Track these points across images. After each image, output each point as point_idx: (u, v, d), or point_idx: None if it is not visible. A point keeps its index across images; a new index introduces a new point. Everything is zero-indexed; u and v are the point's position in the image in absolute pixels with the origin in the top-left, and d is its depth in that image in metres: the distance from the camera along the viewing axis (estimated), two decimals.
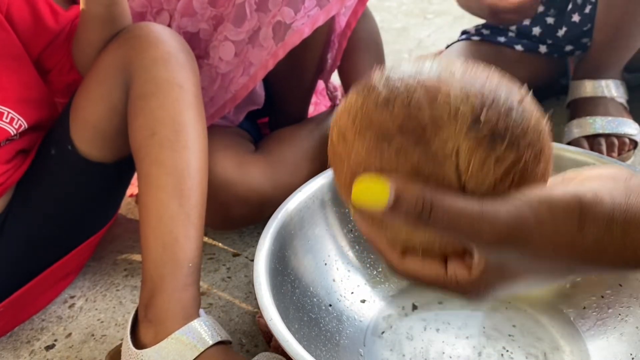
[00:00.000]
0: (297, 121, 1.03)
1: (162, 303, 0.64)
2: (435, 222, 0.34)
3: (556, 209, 0.34)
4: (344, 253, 0.74)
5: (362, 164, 0.37)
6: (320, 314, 0.67)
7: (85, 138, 0.77)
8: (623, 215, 0.34)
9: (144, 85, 0.71)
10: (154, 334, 0.63)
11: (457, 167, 0.36)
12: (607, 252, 0.35)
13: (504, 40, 1.18)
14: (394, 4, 2.03)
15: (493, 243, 0.35)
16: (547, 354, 0.65)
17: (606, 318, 0.66)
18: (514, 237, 0.34)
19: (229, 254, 0.92)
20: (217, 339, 0.63)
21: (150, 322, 0.64)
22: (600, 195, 0.34)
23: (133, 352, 0.63)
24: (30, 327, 0.80)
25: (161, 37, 0.73)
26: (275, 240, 0.65)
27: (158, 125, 0.69)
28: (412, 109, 0.36)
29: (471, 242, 0.36)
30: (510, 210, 0.34)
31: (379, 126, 0.36)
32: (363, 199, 0.35)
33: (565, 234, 0.34)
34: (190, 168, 0.69)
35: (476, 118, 0.35)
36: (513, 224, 0.34)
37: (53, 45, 0.79)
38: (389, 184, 0.35)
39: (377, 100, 0.37)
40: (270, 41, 0.83)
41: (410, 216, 0.34)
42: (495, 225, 0.34)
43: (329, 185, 0.73)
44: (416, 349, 0.67)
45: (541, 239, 0.34)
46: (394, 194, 0.34)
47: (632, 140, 1.04)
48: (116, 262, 0.91)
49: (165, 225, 0.66)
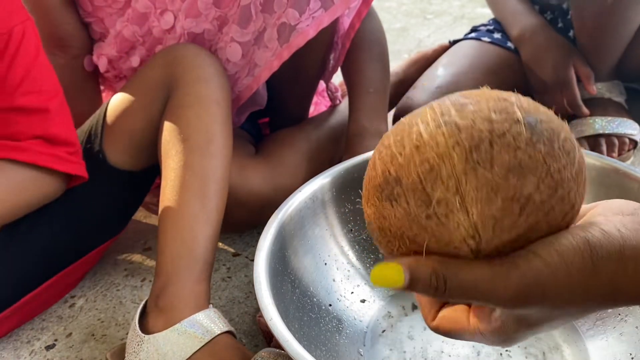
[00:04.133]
0: (297, 121, 1.03)
1: (175, 291, 0.66)
2: (452, 294, 0.36)
3: (566, 255, 0.34)
4: (344, 253, 0.74)
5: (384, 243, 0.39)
6: (320, 314, 0.67)
7: (119, 147, 0.82)
8: (633, 249, 0.34)
9: (184, 98, 0.78)
10: (164, 322, 0.64)
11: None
12: (623, 290, 0.34)
13: (514, 47, 1.15)
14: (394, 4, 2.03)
15: (509, 303, 0.35)
16: (546, 354, 0.65)
17: (606, 318, 0.66)
18: (530, 295, 0.34)
19: (229, 254, 0.92)
20: (227, 328, 0.66)
21: (160, 311, 0.65)
22: (607, 232, 0.34)
23: (142, 337, 0.64)
24: (30, 327, 0.80)
25: (206, 60, 0.80)
26: (275, 240, 0.65)
27: (192, 133, 0.75)
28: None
29: (490, 304, 0.36)
30: (521, 268, 0.34)
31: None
32: (381, 282, 0.37)
33: (579, 278, 0.34)
34: (216, 174, 0.73)
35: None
36: (527, 282, 0.34)
37: None
38: (401, 267, 0.36)
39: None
40: (275, 42, 0.83)
41: (428, 291, 0.36)
42: (509, 287, 0.34)
43: (329, 185, 0.74)
44: (416, 348, 0.67)
45: (556, 289, 0.34)
46: (408, 275, 0.36)
47: (632, 140, 1.04)
48: (116, 262, 0.92)
49: (186, 222, 0.70)
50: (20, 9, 0.72)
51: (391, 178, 0.37)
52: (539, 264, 0.34)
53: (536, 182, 0.34)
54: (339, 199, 0.74)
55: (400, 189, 0.36)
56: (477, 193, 0.34)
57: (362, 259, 0.75)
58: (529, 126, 0.35)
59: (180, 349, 0.62)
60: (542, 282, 0.34)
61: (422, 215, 0.36)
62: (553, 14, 1.16)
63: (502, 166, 0.34)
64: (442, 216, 0.35)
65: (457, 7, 1.93)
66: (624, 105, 1.09)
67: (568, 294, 0.34)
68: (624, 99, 1.09)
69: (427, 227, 0.36)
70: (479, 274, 0.35)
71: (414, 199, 0.36)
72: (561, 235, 0.35)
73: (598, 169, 0.71)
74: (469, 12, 1.86)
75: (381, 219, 0.38)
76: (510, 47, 1.15)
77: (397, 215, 0.36)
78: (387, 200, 0.37)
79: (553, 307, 0.35)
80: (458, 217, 0.35)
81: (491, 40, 1.17)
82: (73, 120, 0.78)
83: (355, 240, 0.75)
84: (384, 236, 0.38)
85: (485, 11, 1.28)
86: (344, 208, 0.74)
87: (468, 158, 0.34)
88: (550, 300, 0.35)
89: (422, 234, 0.36)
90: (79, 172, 0.76)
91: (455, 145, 0.35)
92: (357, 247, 0.75)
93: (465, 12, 1.87)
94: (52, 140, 0.73)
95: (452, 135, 0.35)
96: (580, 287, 0.34)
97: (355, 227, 0.75)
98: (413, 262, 0.36)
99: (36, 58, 0.72)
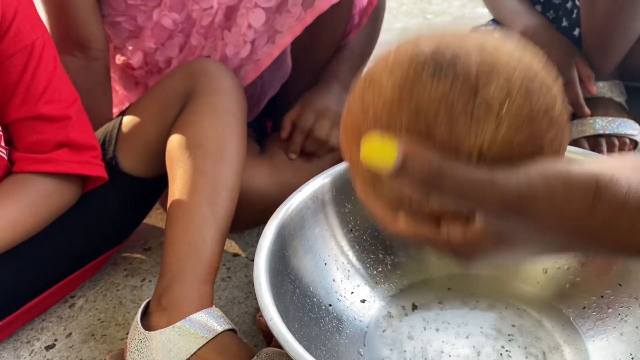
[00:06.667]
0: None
1: (179, 291, 0.66)
2: (442, 188, 0.34)
3: (572, 185, 0.34)
4: (344, 253, 0.74)
5: (385, 120, 0.37)
6: (320, 314, 0.67)
7: (133, 153, 0.83)
8: (637, 201, 0.33)
9: (201, 106, 0.79)
10: (167, 320, 0.64)
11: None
12: (614, 235, 0.34)
13: None
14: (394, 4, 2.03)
15: (500, 209, 0.34)
16: (547, 354, 0.65)
17: (606, 318, 0.66)
18: (523, 206, 0.34)
19: (229, 254, 0.92)
20: (230, 326, 0.66)
21: (164, 310, 0.66)
22: (617, 178, 0.34)
23: (146, 334, 0.64)
24: (30, 327, 0.80)
25: (226, 75, 0.82)
26: (275, 240, 0.65)
27: (206, 140, 0.76)
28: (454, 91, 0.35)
29: (478, 208, 0.35)
30: (522, 178, 0.34)
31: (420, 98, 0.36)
32: (370, 157, 0.35)
33: (575, 210, 0.34)
34: (228, 182, 0.74)
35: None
36: (524, 192, 0.34)
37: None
38: (397, 145, 0.34)
39: (426, 72, 0.36)
40: (299, 7, 0.83)
41: (417, 181, 0.34)
42: (505, 192, 0.34)
43: (329, 185, 0.74)
44: (416, 348, 0.67)
45: (550, 212, 0.34)
46: (402, 157, 0.34)
47: (632, 140, 1.04)
48: (116, 262, 0.91)
49: (195, 225, 0.70)
50: (39, 23, 0.74)
51: (446, 57, 0.35)
52: (540, 183, 0.34)
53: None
54: (339, 199, 0.74)
55: (452, 71, 0.35)
56: (515, 118, 0.35)
57: (362, 259, 0.75)
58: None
59: (185, 345, 0.62)
60: (538, 201, 0.34)
61: (459, 105, 0.34)
62: (557, 13, 1.16)
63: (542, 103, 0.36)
64: (475, 116, 0.34)
65: (457, 7, 1.93)
66: (625, 106, 1.09)
67: (558, 222, 0.34)
68: (625, 99, 1.09)
69: (452, 119, 0.35)
70: (477, 174, 0.34)
71: (460, 86, 0.35)
72: (573, 164, 0.35)
73: None
74: (469, 12, 1.86)
75: (408, 91, 0.36)
76: None
77: (431, 95, 0.35)
78: (431, 76, 0.35)
79: (538, 229, 0.35)
80: (487, 125, 0.35)
81: None
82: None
83: (355, 240, 0.75)
84: (400, 107, 0.36)
85: (485, 11, 1.28)
86: (344, 208, 0.74)
87: (526, 85, 0.36)
88: (539, 221, 0.34)
89: (442, 124, 0.35)
90: (104, 174, 0.78)
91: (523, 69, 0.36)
92: (357, 247, 0.75)
93: (465, 12, 1.86)
94: (76, 147, 0.75)
95: (530, 59, 0.37)
96: (573, 220, 0.34)
97: (355, 227, 0.75)
98: (412, 145, 0.34)
99: (55, 68, 0.74)
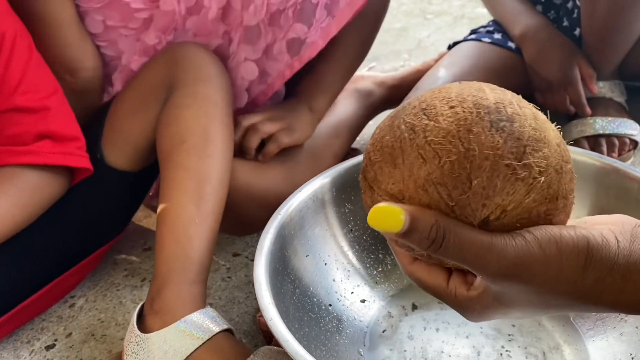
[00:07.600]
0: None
1: (170, 294, 0.66)
2: (446, 249, 0.36)
3: (564, 249, 0.35)
4: (344, 253, 0.74)
5: (435, 144, 0.38)
6: (320, 314, 0.67)
7: (118, 147, 0.81)
8: (626, 259, 0.35)
9: (182, 98, 0.77)
10: (160, 323, 0.64)
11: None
12: (606, 295, 0.35)
13: (515, 47, 1.14)
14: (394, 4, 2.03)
15: (497, 276, 0.35)
16: (547, 354, 0.65)
17: (606, 318, 0.66)
18: (519, 273, 0.35)
19: (229, 254, 0.92)
20: (226, 326, 0.66)
21: (156, 313, 0.65)
22: (607, 238, 0.35)
23: (142, 337, 0.64)
24: (30, 327, 0.80)
25: (206, 60, 0.79)
26: (275, 240, 0.65)
27: (189, 134, 0.74)
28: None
29: (477, 272, 0.37)
30: (518, 245, 0.35)
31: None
32: (378, 223, 0.37)
33: (568, 273, 0.35)
34: (212, 175, 0.73)
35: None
36: (519, 259, 0.35)
37: None
38: (404, 212, 0.36)
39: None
40: (286, 55, 0.84)
41: (423, 243, 0.36)
42: (502, 259, 0.35)
43: (329, 185, 0.74)
44: (416, 348, 0.67)
45: (545, 277, 0.35)
46: (409, 222, 0.36)
47: (632, 140, 1.04)
48: (116, 262, 0.91)
49: (181, 224, 0.70)
50: (10, 14, 0.72)
51: (507, 112, 0.38)
52: (536, 249, 0.35)
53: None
54: (339, 199, 0.74)
55: (509, 127, 0.37)
56: (544, 190, 0.37)
57: (362, 259, 0.74)
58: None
59: (181, 347, 0.62)
60: (534, 265, 0.35)
61: (506, 159, 0.37)
62: (557, 13, 1.16)
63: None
64: (515, 174, 0.36)
65: (457, 7, 1.93)
66: (625, 106, 1.09)
67: (553, 285, 0.35)
68: (625, 99, 1.09)
69: (495, 169, 0.36)
70: (478, 238, 0.36)
71: (513, 143, 0.37)
72: (565, 228, 0.36)
73: (598, 169, 0.71)
74: (469, 12, 1.85)
75: (467, 129, 0.37)
76: (511, 46, 1.14)
77: (486, 140, 0.37)
78: (489, 123, 0.37)
79: (534, 293, 0.36)
80: (521, 188, 0.37)
81: (491, 40, 1.16)
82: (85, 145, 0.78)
83: (355, 240, 0.75)
84: (453, 139, 0.37)
85: (485, 11, 1.28)
86: (344, 208, 0.74)
87: (561, 165, 0.39)
88: (535, 285, 0.36)
89: (486, 169, 0.36)
90: (89, 165, 0.77)
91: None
92: (357, 247, 0.75)
93: (465, 12, 1.86)
94: (58, 138, 0.74)
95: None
96: (567, 282, 0.35)
97: (355, 227, 0.75)
98: (417, 210, 0.36)
99: (30, 59, 0.73)
